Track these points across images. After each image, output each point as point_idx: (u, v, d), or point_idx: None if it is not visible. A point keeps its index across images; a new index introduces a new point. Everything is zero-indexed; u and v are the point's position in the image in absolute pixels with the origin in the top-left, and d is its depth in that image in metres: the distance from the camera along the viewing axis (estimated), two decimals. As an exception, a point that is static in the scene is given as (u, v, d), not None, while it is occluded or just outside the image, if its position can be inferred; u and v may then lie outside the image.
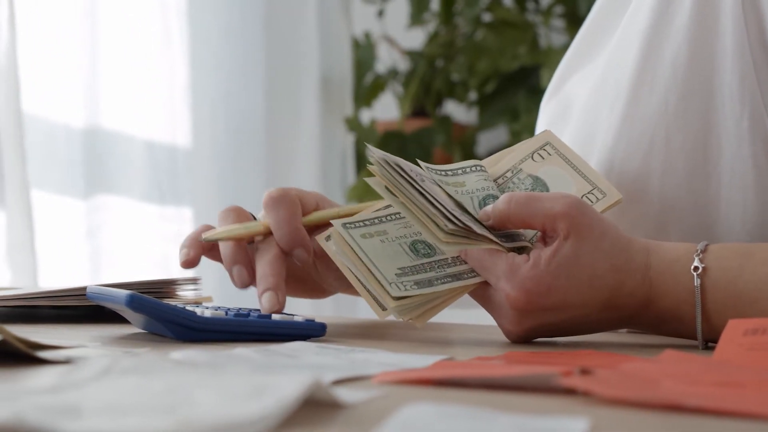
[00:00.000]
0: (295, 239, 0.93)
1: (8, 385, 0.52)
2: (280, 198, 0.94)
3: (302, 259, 0.94)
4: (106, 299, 0.85)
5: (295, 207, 0.94)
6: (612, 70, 1.02)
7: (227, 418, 0.44)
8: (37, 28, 1.69)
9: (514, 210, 0.85)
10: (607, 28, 1.12)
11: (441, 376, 0.60)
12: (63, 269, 1.71)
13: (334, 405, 0.52)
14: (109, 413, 0.44)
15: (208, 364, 0.58)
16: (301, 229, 0.94)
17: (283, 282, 0.92)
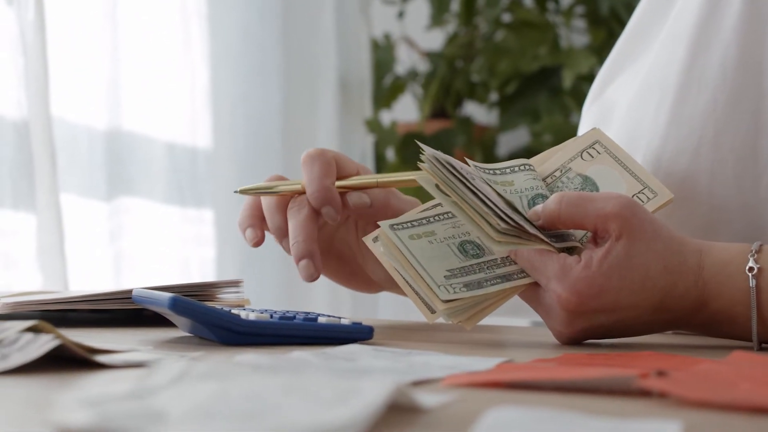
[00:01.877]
0: (325, 197, 0.93)
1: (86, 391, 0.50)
2: (315, 156, 0.95)
3: (331, 217, 0.94)
4: (151, 302, 0.84)
5: (329, 166, 0.95)
6: (658, 70, 1.01)
7: (316, 424, 0.42)
8: (59, 32, 1.67)
9: (565, 210, 0.84)
10: (648, 33, 1.11)
11: (514, 379, 0.58)
12: (88, 272, 1.70)
13: (414, 409, 0.50)
14: (194, 419, 0.43)
15: (274, 369, 0.57)
16: (331, 188, 0.94)
17: (315, 246, 0.93)
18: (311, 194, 0.93)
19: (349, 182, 0.96)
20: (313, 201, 0.93)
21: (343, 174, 0.96)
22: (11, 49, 1.51)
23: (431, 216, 0.87)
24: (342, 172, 0.96)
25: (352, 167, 0.97)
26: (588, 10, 2.45)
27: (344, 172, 0.96)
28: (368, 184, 0.95)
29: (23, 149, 1.51)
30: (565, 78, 2.35)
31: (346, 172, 0.97)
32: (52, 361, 0.62)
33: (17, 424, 0.46)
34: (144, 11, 1.87)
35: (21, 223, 1.52)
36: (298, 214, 0.94)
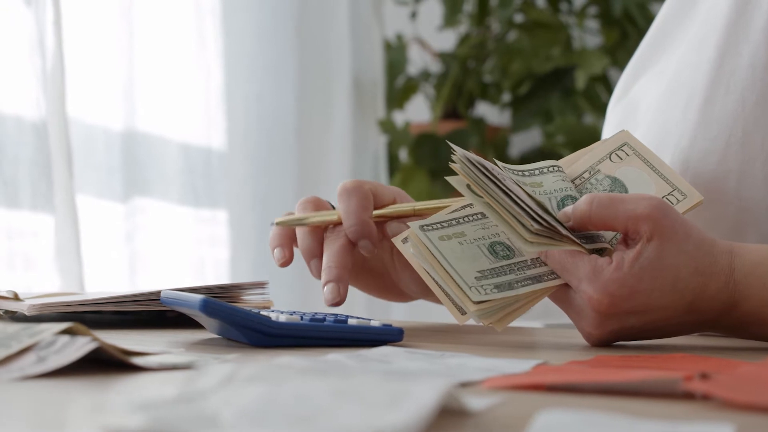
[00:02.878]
0: (362, 230, 0.94)
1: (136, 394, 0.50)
2: (353, 189, 0.95)
3: (368, 250, 0.94)
4: (180, 304, 0.83)
5: (366, 199, 0.95)
6: (686, 70, 1.00)
7: (370, 428, 0.42)
8: (75, 32, 1.67)
9: (596, 211, 0.83)
10: (672, 34, 1.11)
11: (556, 382, 0.58)
12: (103, 273, 1.70)
13: (461, 412, 0.50)
14: (246, 423, 0.43)
15: (320, 371, 0.57)
16: (369, 221, 0.94)
17: (346, 274, 0.93)
18: (348, 228, 0.94)
19: (386, 211, 0.96)
20: (350, 234, 0.94)
21: (380, 204, 0.97)
22: (30, 49, 1.51)
23: (461, 217, 0.87)
24: (379, 202, 0.97)
25: (388, 196, 0.98)
26: (601, 10, 2.44)
27: (381, 201, 0.97)
28: (405, 212, 0.96)
29: (42, 150, 1.51)
30: (578, 79, 2.34)
31: (383, 201, 0.97)
32: (85, 363, 0.62)
33: (71, 428, 0.46)
34: (159, 12, 1.87)
35: (39, 224, 1.51)
36: (334, 243, 0.94)
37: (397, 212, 0.96)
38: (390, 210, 0.96)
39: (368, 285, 1.04)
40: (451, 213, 0.88)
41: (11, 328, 0.66)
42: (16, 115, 1.50)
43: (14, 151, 1.49)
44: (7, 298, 0.98)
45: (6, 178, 1.47)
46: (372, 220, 0.95)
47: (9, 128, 1.49)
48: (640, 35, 2.41)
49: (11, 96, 1.50)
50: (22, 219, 1.50)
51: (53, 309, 0.93)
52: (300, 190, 2.21)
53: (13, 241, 1.49)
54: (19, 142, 1.49)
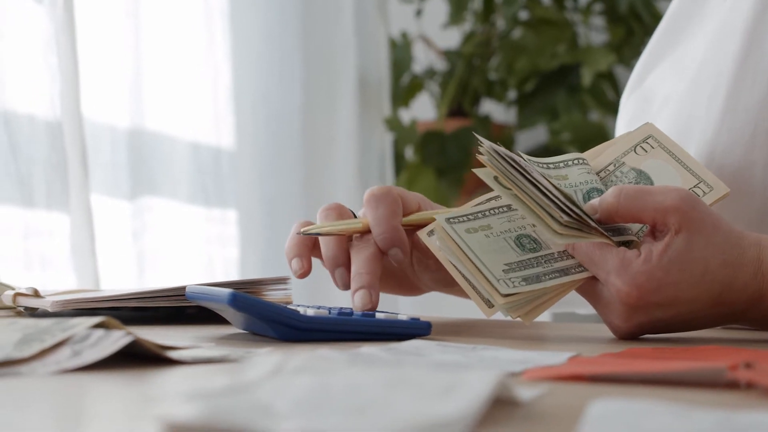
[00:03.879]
0: (393, 238, 0.91)
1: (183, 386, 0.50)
2: (381, 196, 0.92)
3: (398, 259, 0.92)
4: (207, 299, 0.83)
5: (395, 205, 0.92)
6: (711, 62, 1.00)
7: (425, 418, 0.41)
8: (84, 31, 1.67)
9: (624, 203, 0.83)
10: (686, 24, 1.11)
11: (599, 372, 0.58)
12: (113, 271, 1.69)
13: (510, 402, 0.49)
14: (301, 413, 0.42)
15: (368, 363, 0.56)
16: (399, 228, 0.92)
17: (377, 281, 0.90)
18: (378, 235, 0.91)
19: (412, 219, 0.93)
20: (380, 243, 0.91)
21: (406, 210, 0.94)
22: (44, 47, 1.51)
23: (486, 210, 0.87)
24: (406, 209, 0.94)
25: (413, 202, 0.95)
26: (606, 7, 2.44)
27: (408, 208, 0.94)
28: (431, 219, 0.92)
29: (56, 149, 1.50)
30: (584, 76, 2.34)
31: (410, 208, 0.94)
32: (117, 358, 0.61)
33: (124, 420, 0.45)
34: (167, 10, 1.86)
35: (55, 223, 1.51)
36: (364, 252, 0.91)
37: (423, 219, 0.93)
38: (417, 217, 0.93)
39: (384, 286, 1.01)
40: (477, 206, 0.87)
41: (44, 322, 0.65)
42: (30, 114, 1.50)
43: (29, 151, 1.48)
44: (27, 294, 0.97)
45: (21, 177, 1.47)
46: (402, 227, 0.92)
47: (23, 127, 1.48)
48: (645, 32, 2.41)
49: (25, 95, 1.49)
50: (37, 218, 1.49)
51: (76, 305, 0.92)
52: (307, 189, 2.20)
53: (30, 240, 1.48)
54: (33, 141, 1.49)
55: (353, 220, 0.93)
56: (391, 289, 1.03)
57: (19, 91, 1.49)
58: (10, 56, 1.49)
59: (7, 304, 0.98)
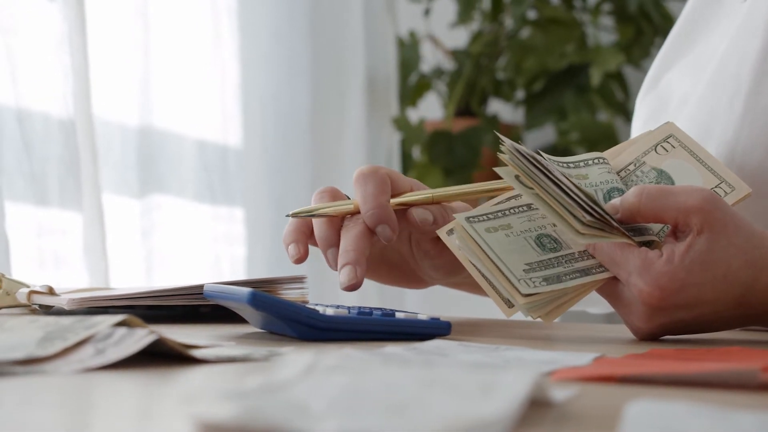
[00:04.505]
0: (380, 215, 0.90)
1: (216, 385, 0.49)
2: (369, 174, 0.92)
3: (386, 236, 0.91)
4: (226, 297, 0.82)
5: (383, 184, 0.92)
6: (731, 62, 0.99)
7: (465, 418, 0.41)
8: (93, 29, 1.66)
9: (646, 203, 0.82)
10: (702, 25, 1.11)
11: (628, 374, 0.57)
12: (122, 270, 1.69)
13: (543, 403, 0.49)
14: (338, 412, 0.41)
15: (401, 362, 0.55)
16: (386, 205, 0.91)
17: (363, 258, 0.89)
18: (366, 212, 0.90)
19: (404, 199, 0.93)
20: (368, 220, 0.90)
21: (398, 191, 0.93)
22: (57, 46, 1.50)
23: (506, 209, 0.86)
24: (396, 189, 0.93)
25: (405, 184, 0.94)
26: (615, 7, 2.43)
27: (399, 188, 0.94)
28: (423, 199, 0.92)
29: (69, 147, 1.50)
30: (593, 76, 2.33)
31: (401, 188, 0.94)
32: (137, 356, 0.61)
33: (158, 420, 0.45)
34: (175, 8, 1.86)
35: (68, 222, 1.51)
36: (352, 230, 0.91)
37: (415, 200, 0.92)
38: (408, 197, 0.93)
39: (385, 276, 1.01)
40: (497, 205, 0.87)
41: (65, 320, 0.64)
42: (44, 113, 1.49)
43: (43, 149, 1.48)
44: (42, 292, 0.97)
45: (35, 175, 1.47)
46: (390, 205, 0.91)
47: (37, 125, 1.48)
48: (655, 32, 2.41)
49: (39, 93, 1.49)
50: (51, 217, 1.49)
51: (92, 303, 0.91)
52: (314, 188, 2.18)
53: (43, 238, 1.48)
54: (47, 139, 1.48)
55: (344, 201, 0.93)
56: (395, 281, 1.02)
57: (33, 89, 1.48)
58: (24, 54, 1.48)
59: (21, 302, 0.97)
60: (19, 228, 1.45)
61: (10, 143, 1.46)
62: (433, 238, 0.94)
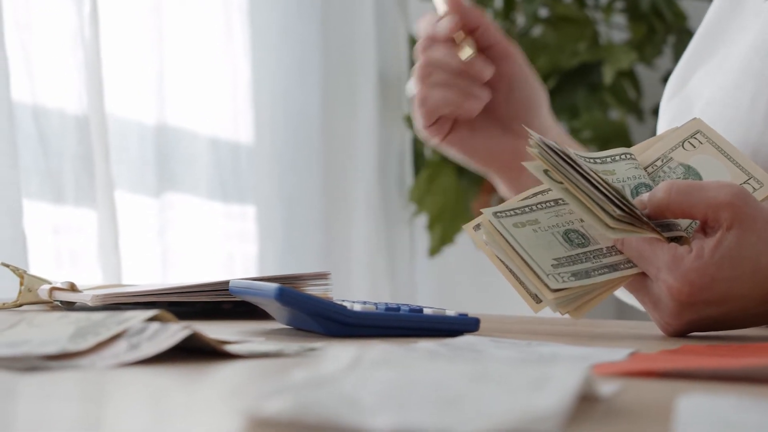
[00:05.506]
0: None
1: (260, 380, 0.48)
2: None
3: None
4: (252, 293, 0.82)
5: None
6: (753, 64, 0.99)
7: (518, 412, 0.40)
8: (108, 26, 1.66)
9: (675, 198, 0.82)
10: (725, 27, 1.11)
11: (668, 368, 0.56)
12: (137, 268, 1.68)
13: (590, 398, 0.48)
14: (389, 407, 0.41)
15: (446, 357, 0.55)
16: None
17: None
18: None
19: None
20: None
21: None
22: (72, 42, 1.50)
23: (533, 204, 0.85)
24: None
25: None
26: (628, 5, 2.42)
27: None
28: None
29: (83, 143, 1.49)
30: (606, 74, 2.32)
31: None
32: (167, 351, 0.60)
33: (214, 413, 0.44)
34: (187, 6, 1.85)
35: (83, 219, 1.50)
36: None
37: None
38: None
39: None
40: (524, 200, 0.86)
41: (96, 315, 0.64)
42: (60, 109, 1.49)
43: (58, 145, 1.47)
44: (63, 289, 0.96)
45: (51, 172, 1.46)
46: None
47: (53, 121, 1.47)
48: (667, 30, 2.40)
49: (55, 89, 1.49)
50: (66, 214, 1.49)
51: (116, 300, 0.91)
52: (326, 186, 2.19)
53: (59, 235, 1.47)
54: (63, 135, 1.48)
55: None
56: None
57: (48, 86, 1.48)
58: (39, 50, 1.48)
59: (43, 299, 0.96)
60: (35, 225, 1.45)
61: (27, 140, 1.45)
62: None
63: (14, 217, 1.39)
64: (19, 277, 0.97)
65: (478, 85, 1.05)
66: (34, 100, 1.47)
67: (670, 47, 2.43)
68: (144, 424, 0.42)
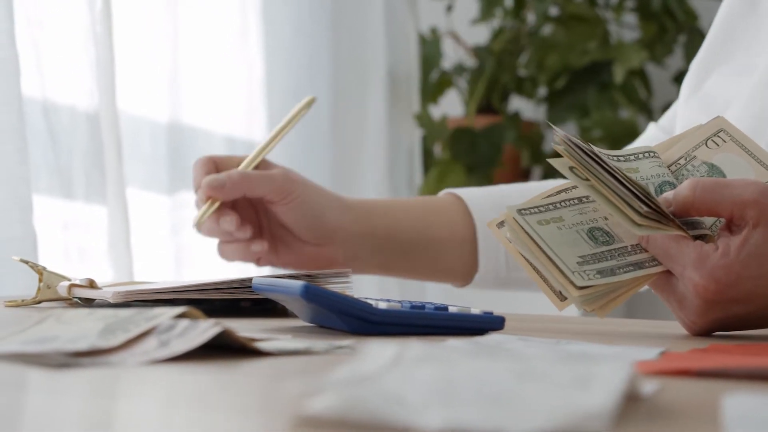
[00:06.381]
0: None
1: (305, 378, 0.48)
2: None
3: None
4: (276, 290, 0.81)
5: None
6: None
7: (566, 410, 0.40)
8: (121, 22, 1.65)
9: (700, 196, 0.81)
10: (741, 26, 1.10)
11: (705, 367, 0.56)
12: (150, 266, 1.68)
13: (633, 397, 0.47)
14: (435, 404, 0.40)
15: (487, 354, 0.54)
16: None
17: None
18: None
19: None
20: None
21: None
22: (83, 38, 1.49)
23: (557, 202, 0.85)
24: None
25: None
26: (638, 4, 2.42)
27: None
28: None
29: (95, 139, 1.49)
30: (617, 73, 2.32)
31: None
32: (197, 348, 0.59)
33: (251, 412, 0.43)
34: (202, 4, 1.85)
35: (93, 216, 1.50)
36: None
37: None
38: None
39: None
40: (548, 198, 0.86)
41: (124, 312, 0.64)
42: (71, 105, 1.48)
43: (69, 142, 1.47)
44: (83, 286, 0.95)
45: (61, 168, 1.46)
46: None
47: (63, 118, 1.47)
48: (678, 29, 2.39)
49: (66, 85, 1.48)
50: (76, 210, 1.48)
51: (137, 297, 0.90)
52: (335, 184, 2.18)
53: (69, 231, 1.47)
54: (73, 132, 1.47)
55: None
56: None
57: (59, 82, 1.47)
58: (51, 46, 1.47)
59: (62, 295, 0.96)
60: (45, 221, 1.44)
61: (37, 136, 1.45)
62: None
63: (24, 213, 1.38)
64: (38, 274, 0.97)
65: (244, 242, 1.11)
66: (45, 96, 1.46)
67: (681, 46, 2.42)
68: (190, 423, 0.41)
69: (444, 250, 1.16)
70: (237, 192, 1.05)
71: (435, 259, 1.16)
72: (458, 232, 1.17)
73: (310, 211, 1.06)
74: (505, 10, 2.46)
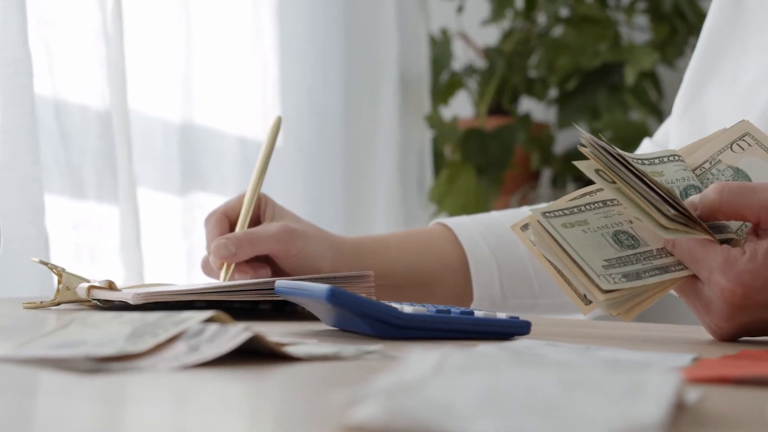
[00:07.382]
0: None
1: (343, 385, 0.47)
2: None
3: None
4: (300, 294, 0.80)
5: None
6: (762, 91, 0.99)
7: (618, 420, 0.39)
8: (133, 22, 1.65)
9: (727, 200, 0.80)
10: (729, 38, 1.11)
11: (741, 375, 0.55)
12: (161, 267, 1.67)
13: (679, 405, 0.47)
14: (485, 412, 0.40)
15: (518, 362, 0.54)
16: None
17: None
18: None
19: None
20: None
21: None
22: (94, 37, 1.49)
23: (582, 205, 0.84)
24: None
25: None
26: (650, 5, 2.41)
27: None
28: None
29: (106, 139, 1.48)
30: (628, 75, 2.31)
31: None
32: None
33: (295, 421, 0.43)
34: (216, 2, 1.84)
35: (104, 216, 1.49)
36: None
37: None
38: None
39: None
40: (572, 201, 0.85)
41: (151, 316, 0.63)
42: (82, 105, 1.48)
43: (80, 141, 1.46)
44: (102, 287, 0.95)
45: (72, 168, 1.45)
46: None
47: (75, 117, 1.46)
48: (689, 31, 2.38)
49: (77, 85, 1.47)
50: (88, 210, 1.47)
51: (157, 298, 0.90)
52: (347, 185, 2.18)
53: (79, 231, 1.46)
54: (85, 132, 1.47)
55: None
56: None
57: (70, 81, 1.47)
58: (62, 45, 1.47)
59: (81, 297, 0.95)
60: (56, 221, 1.44)
61: (48, 135, 1.44)
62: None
63: (36, 213, 1.37)
64: (57, 275, 0.96)
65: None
66: (56, 96, 1.46)
67: (691, 48, 2.41)
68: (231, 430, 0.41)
69: (437, 282, 1.17)
70: (246, 256, 1.06)
71: (429, 292, 1.17)
72: (450, 263, 1.18)
73: (309, 261, 1.08)
74: (516, 11, 2.46)
